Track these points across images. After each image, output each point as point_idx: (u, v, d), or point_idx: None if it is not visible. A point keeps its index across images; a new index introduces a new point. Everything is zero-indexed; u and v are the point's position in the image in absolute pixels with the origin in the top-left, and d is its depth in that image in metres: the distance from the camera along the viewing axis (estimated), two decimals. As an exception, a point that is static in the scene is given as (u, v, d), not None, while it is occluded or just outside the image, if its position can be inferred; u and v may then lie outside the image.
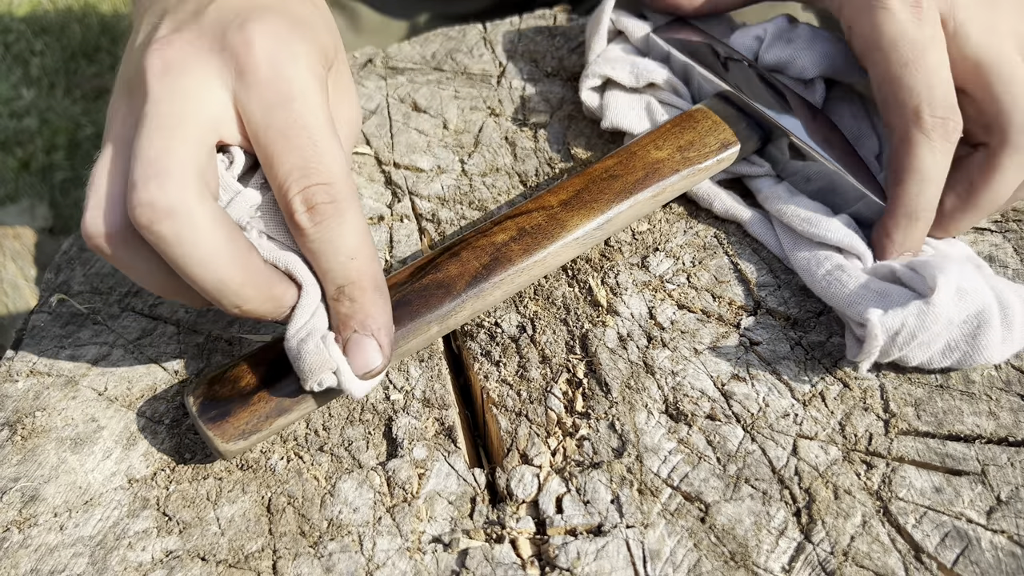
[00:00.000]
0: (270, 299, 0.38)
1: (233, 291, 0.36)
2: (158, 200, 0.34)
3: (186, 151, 0.36)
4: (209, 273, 0.35)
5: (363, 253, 0.39)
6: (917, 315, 0.40)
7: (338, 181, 0.38)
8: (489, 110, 0.61)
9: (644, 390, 0.43)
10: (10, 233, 1.42)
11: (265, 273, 0.38)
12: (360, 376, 0.39)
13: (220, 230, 0.36)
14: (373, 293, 0.39)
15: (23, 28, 2.16)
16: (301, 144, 0.37)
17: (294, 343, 0.38)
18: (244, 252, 0.37)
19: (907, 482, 0.39)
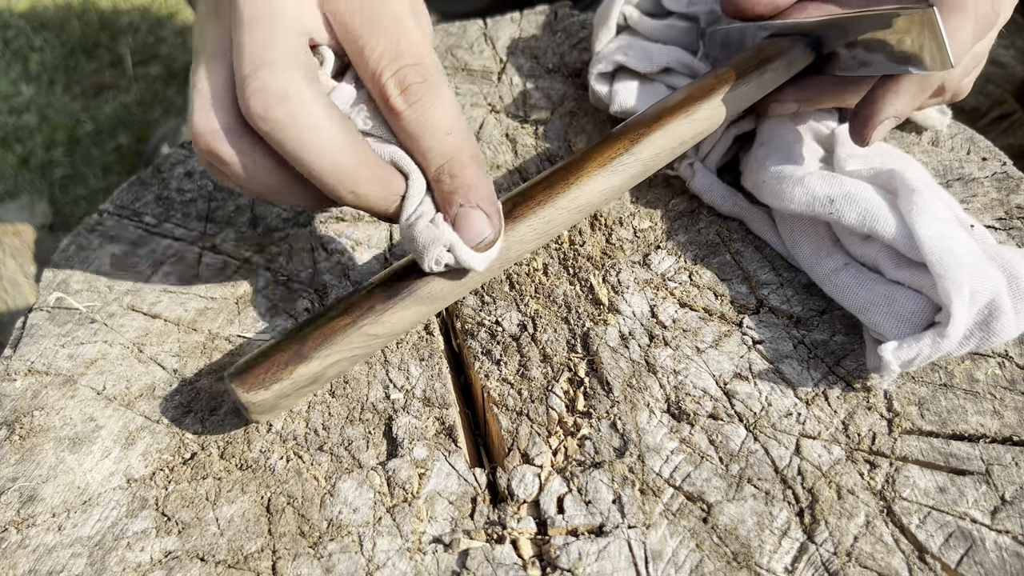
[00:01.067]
0: (383, 184, 0.39)
1: (350, 175, 0.37)
2: (272, 85, 0.35)
3: (288, 42, 0.37)
4: (326, 157, 0.36)
5: (458, 128, 0.39)
6: (932, 345, 0.39)
7: (427, 61, 0.39)
8: (490, 107, 0.61)
9: (646, 389, 0.43)
10: (9, 230, 1.41)
11: (376, 159, 0.39)
12: (474, 248, 0.40)
13: (333, 113, 0.37)
14: (472, 165, 0.40)
15: (22, 24, 2.16)
16: (387, 29, 0.38)
17: (405, 228, 0.40)
18: (355, 135, 0.38)
19: (911, 482, 0.39)
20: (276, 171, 0.39)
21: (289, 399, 0.40)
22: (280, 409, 0.41)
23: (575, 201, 0.44)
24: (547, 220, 0.44)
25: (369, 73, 0.38)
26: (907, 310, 0.42)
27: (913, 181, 0.44)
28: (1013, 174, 0.53)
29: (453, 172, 0.39)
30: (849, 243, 0.46)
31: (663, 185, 0.55)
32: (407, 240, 0.40)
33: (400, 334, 0.43)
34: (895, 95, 0.47)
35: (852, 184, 0.45)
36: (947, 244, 0.41)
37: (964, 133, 0.57)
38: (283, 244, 0.53)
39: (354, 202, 0.39)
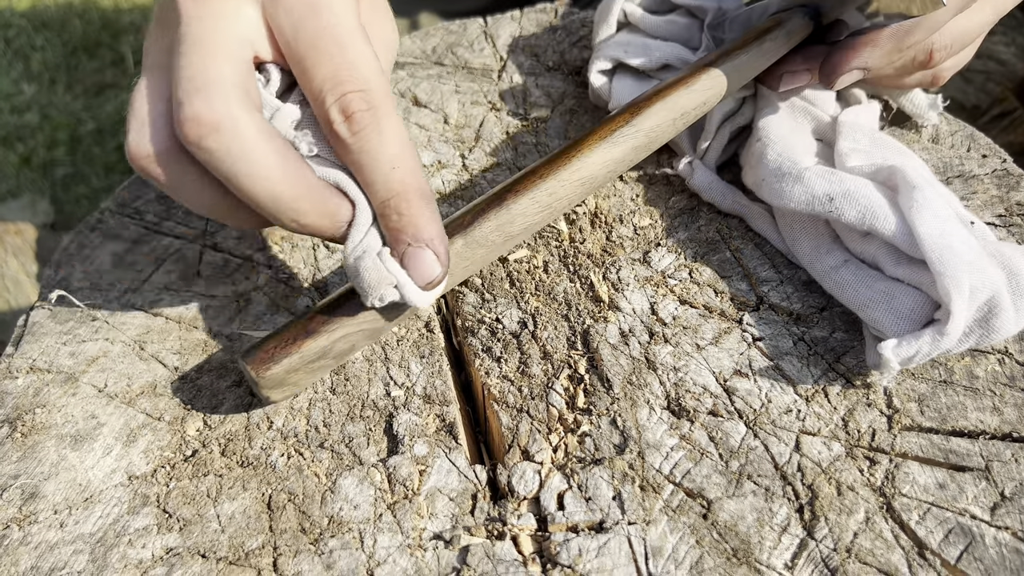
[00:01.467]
0: (326, 213, 0.37)
1: (288, 204, 0.36)
2: (204, 114, 0.34)
3: (226, 66, 0.35)
4: (262, 186, 0.35)
5: (405, 162, 0.38)
6: (931, 342, 0.39)
7: (373, 87, 0.37)
8: (490, 105, 0.61)
9: (646, 386, 0.43)
10: (11, 229, 1.42)
11: (319, 186, 0.37)
12: (422, 287, 0.39)
13: (269, 142, 0.35)
14: (419, 203, 0.38)
15: (24, 23, 2.16)
16: (332, 52, 0.37)
17: (351, 261, 0.38)
18: (296, 164, 0.36)
19: (910, 478, 0.39)
20: (217, 194, 0.38)
21: (299, 374, 0.40)
22: (290, 386, 0.41)
23: (577, 173, 0.44)
24: (550, 192, 0.44)
25: (313, 98, 0.37)
26: (907, 307, 0.42)
27: (914, 178, 0.44)
28: (1013, 171, 0.53)
29: (400, 209, 0.38)
30: (849, 240, 0.46)
31: (663, 183, 0.55)
32: (351, 273, 0.38)
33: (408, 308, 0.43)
34: (871, 47, 0.47)
35: (852, 181, 0.45)
36: (947, 241, 0.41)
37: (964, 130, 0.57)
38: (284, 242, 0.53)
39: (297, 229, 0.38)
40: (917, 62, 0.49)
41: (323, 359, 0.41)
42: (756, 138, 0.51)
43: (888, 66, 0.49)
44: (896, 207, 0.44)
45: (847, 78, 0.48)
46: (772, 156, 0.49)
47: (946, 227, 0.42)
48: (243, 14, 0.37)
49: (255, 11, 0.37)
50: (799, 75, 0.52)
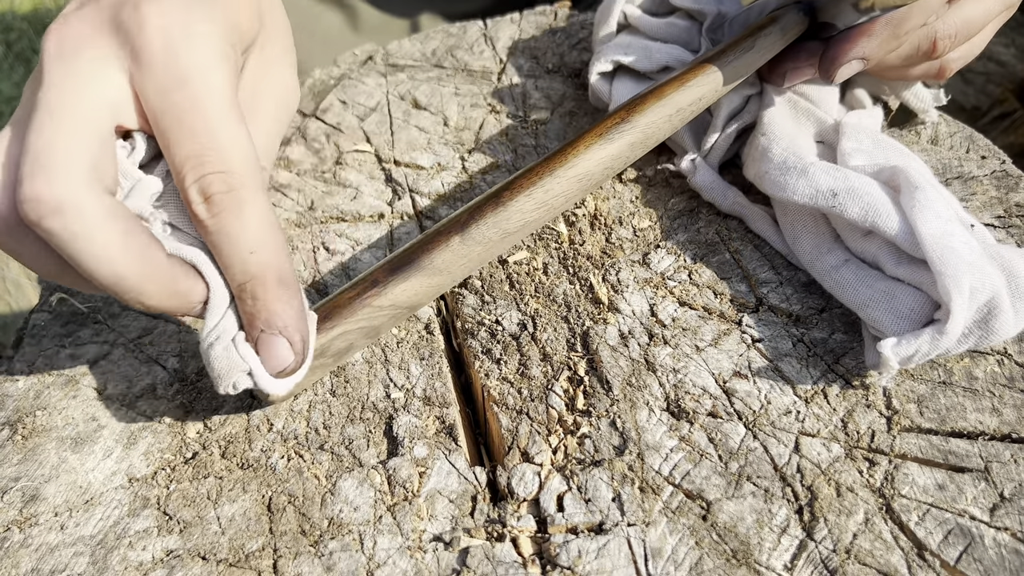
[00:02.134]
0: (174, 295, 0.36)
1: (131, 287, 0.35)
2: (44, 195, 0.32)
3: (76, 142, 0.34)
4: (104, 268, 0.34)
5: (265, 246, 0.37)
6: (930, 342, 0.40)
7: (236, 169, 0.36)
8: (490, 107, 0.61)
9: (645, 388, 0.43)
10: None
11: (167, 268, 0.36)
12: (275, 375, 0.38)
13: (114, 224, 0.34)
14: (277, 289, 0.37)
15: (25, 27, 2.16)
16: (196, 130, 0.35)
17: (204, 347, 0.37)
18: (142, 246, 0.35)
19: (910, 479, 0.39)
20: (59, 265, 0.36)
21: (309, 378, 0.41)
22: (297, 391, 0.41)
23: (573, 170, 0.45)
24: (546, 189, 0.44)
25: (175, 172, 0.36)
26: (907, 307, 0.42)
27: (916, 178, 0.44)
28: (1012, 172, 0.53)
29: (255, 294, 0.37)
30: (850, 239, 0.46)
31: (662, 185, 0.55)
32: (204, 359, 0.37)
33: (406, 308, 0.43)
34: (867, 36, 0.47)
35: (856, 178, 0.45)
36: (948, 242, 0.41)
37: (963, 132, 0.57)
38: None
39: (143, 310, 0.37)
40: (922, 51, 0.49)
41: (322, 357, 0.41)
42: (760, 132, 0.51)
43: (889, 55, 0.49)
44: (899, 207, 0.44)
45: (846, 69, 0.48)
46: (777, 151, 0.49)
47: (948, 228, 0.42)
48: (108, 80, 0.36)
49: (121, 77, 0.36)
50: (803, 70, 0.52)
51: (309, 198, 0.55)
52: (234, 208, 0.36)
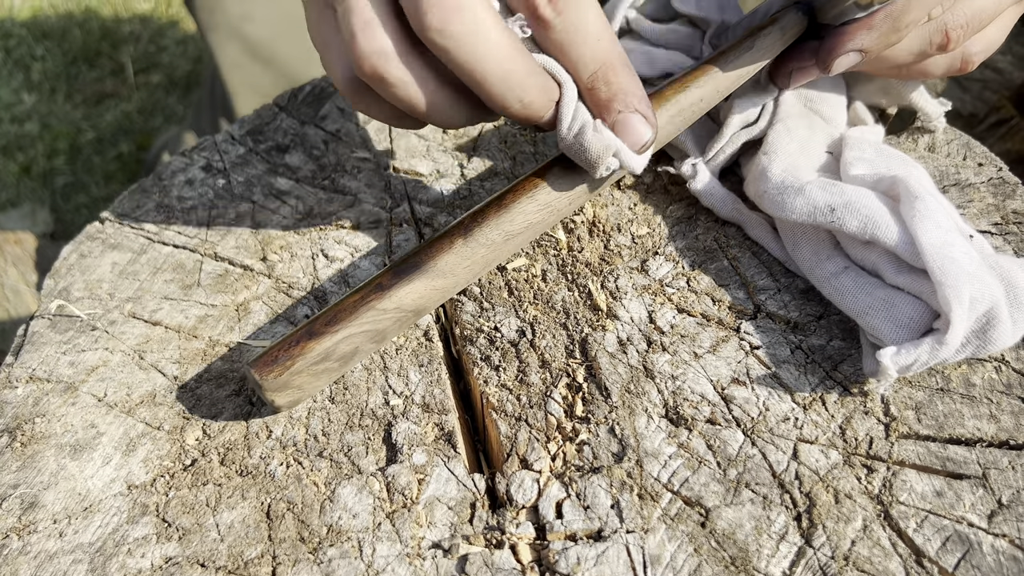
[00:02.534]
0: (544, 91, 0.39)
1: (519, 83, 0.38)
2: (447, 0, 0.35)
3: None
4: (498, 65, 0.37)
5: (607, 34, 0.40)
6: (930, 351, 0.40)
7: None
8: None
9: (644, 394, 0.43)
10: (11, 238, 1.42)
11: (538, 66, 0.39)
12: (636, 151, 0.41)
13: (501, 24, 0.37)
14: (625, 70, 0.40)
15: (24, 33, 2.17)
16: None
17: (571, 138, 0.41)
18: (521, 45, 0.38)
19: (908, 486, 0.39)
20: (441, 88, 0.39)
21: (303, 377, 0.41)
22: (295, 389, 0.41)
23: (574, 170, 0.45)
24: (548, 191, 0.45)
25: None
26: (906, 315, 0.42)
27: (916, 188, 0.44)
28: (1009, 179, 0.53)
29: (608, 79, 0.40)
30: (849, 247, 0.47)
31: (661, 192, 0.55)
32: (574, 150, 0.41)
33: (411, 311, 0.43)
34: (866, 29, 0.48)
35: (852, 192, 0.45)
36: (949, 252, 0.41)
37: (960, 139, 0.57)
38: (284, 251, 0.53)
39: (520, 111, 0.39)
40: (936, 45, 0.49)
41: (326, 361, 0.41)
42: (763, 151, 0.51)
43: (897, 51, 0.49)
44: (898, 216, 0.44)
45: (843, 61, 0.48)
46: (776, 171, 0.49)
47: (948, 238, 0.42)
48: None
49: None
50: (808, 70, 0.52)
51: (308, 205, 0.55)
52: (575, 3, 0.39)
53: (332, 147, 0.59)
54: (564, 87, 0.40)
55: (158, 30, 2.18)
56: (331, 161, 0.58)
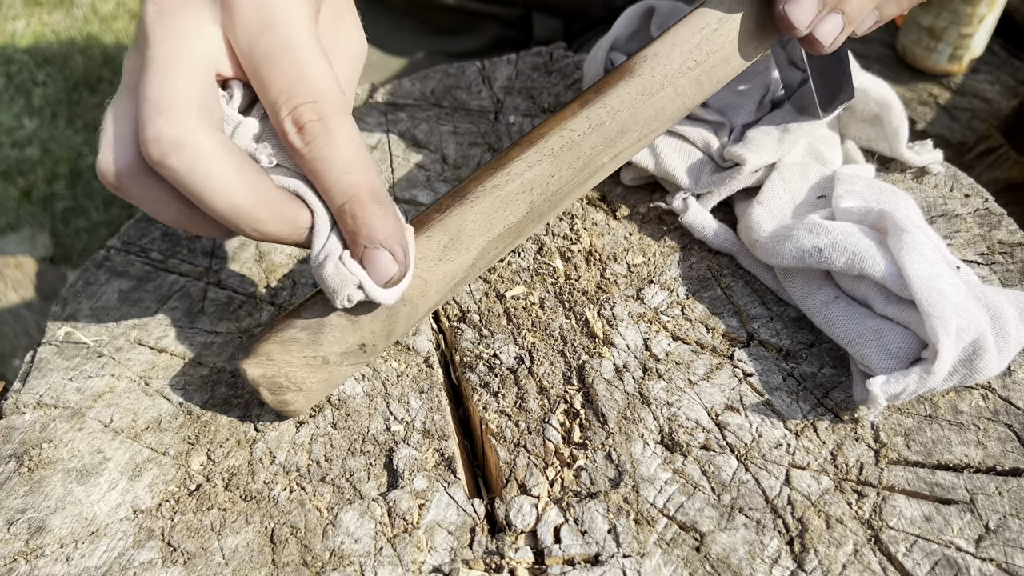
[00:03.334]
0: (285, 220, 0.39)
1: (248, 214, 0.38)
2: (165, 134, 0.35)
3: (187, 86, 0.37)
4: (223, 199, 0.37)
5: (358, 166, 0.39)
6: (918, 380, 0.41)
7: (324, 98, 0.38)
8: (487, 145, 0.63)
9: (640, 421, 0.44)
10: (11, 262, 1.43)
11: (277, 196, 0.39)
12: (382, 285, 0.41)
13: (228, 157, 0.37)
14: (373, 205, 0.40)
15: (26, 59, 2.19)
16: (284, 67, 0.38)
17: (315, 267, 0.40)
18: (254, 176, 0.38)
19: (897, 511, 0.40)
20: (182, 207, 0.40)
21: (284, 358, 0.43)
22: (282, 380, 0.43)
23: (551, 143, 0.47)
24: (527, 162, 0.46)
25: (269, 109, 0.39)
26: (895, 345, 0.43)
27: (903, 221, 0.45)
28: (995, 210, 0.55)
29: (354, 213, 0.39)
30: (840, 278, 0.48)
31: (655, 222, 0.56)
32: (317, 279, 0.41)
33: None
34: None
35: (838, 230, 0.46)
36: (936, 284, 0.42)
37: (947, 170, 0.58)
38: (287, 279, 0.54)
39: (259, 237, 0.40)
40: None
41: (306, 332, 0.43)
42: (758, 200, 0.52)
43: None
44: (885, 249, 0.45)
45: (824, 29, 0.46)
46: (768, 226, 0.50)
47: (935, 269, 0.43)
48: (205, 33, 0.39)
49: (216, 30, 0.39)
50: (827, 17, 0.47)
51: (311, 234, 0.57)
52: (325, 134, 0.38)
53: (334, 177, 0.61)
54: (316, 215, 0.40)
55: (159, 56, 2.20)
56: (333, 191, 0.60)
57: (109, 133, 0.38)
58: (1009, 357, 0.42)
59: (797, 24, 0.46)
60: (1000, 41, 1.08)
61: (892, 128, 0.57)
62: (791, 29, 0.46)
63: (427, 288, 0.45)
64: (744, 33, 0.48)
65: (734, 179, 0.53)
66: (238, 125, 0.40)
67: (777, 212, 0.52)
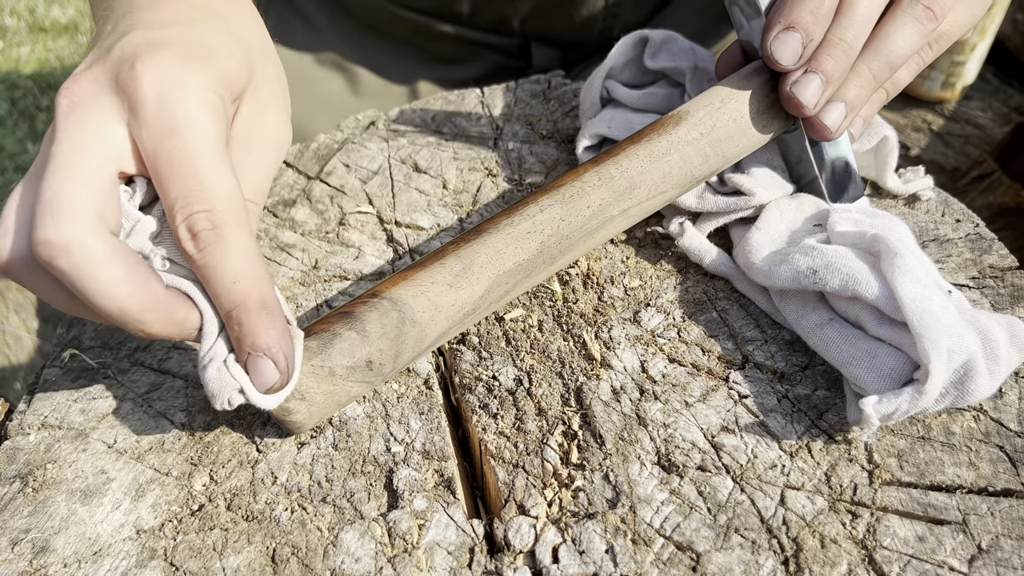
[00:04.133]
0: (172, 323, 0.40)
1: (134, 317, 0.39)
2: (53, 238, 0.36)
3: (82, 190, 0.38)
4: (109, 302, 0.38)
5: (248, 277, 0.40)
6: (910, 401, 0.41)
7: (220, 207, 0.39)
8: (486, 171, 0.64)
9: (637, 442, 0.45)
10: (13, 286, 1.43)
11: (165, 299, 0.40)
12: (264, 392, 0.41)
13: (117, 261, 0.38)
14: (259, 314, 0.40)
15: (30, 84, 2.21)
16: (184, 173, 0.39)
17: (199, 369, 0.41)
18: (143, 280, 0.39)
19: (891, 531, 0.40)
20: (70, 299, 0.40)
21: None
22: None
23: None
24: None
25: (167, 212, 0.40)
26: (887, 366, 0.44)
27: (896, 245, 0.46)
28: (985, 235, 0.56)
29: (240, 320, 0.40)
30: (834, 300, 0.49)
31: (652, 246, 0.57)
32: (201, 379, 0.41)
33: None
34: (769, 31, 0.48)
35: (832, 252, 0.47)
36: (927, 306, 0.43)
37: (939, 196, 0.60)
38: (290, 303, 0.55)
39: (146, 336, 0.40)
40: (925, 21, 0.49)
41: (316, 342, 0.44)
42: (756, 227, 0.53)
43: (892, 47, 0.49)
44: (878, 272, 0.46)
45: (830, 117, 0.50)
46: (765, 250, 0.51)
47: (926, 292, 0.44)
48: (111, 132, 0.40)
49: (123, 128, 0.40)
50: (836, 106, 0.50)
51: (313, 257, 0.58)
52: (217, 243, 0.39)
53: (337, 201, 0.62)
54: (204, 319, 0.41)
55: (162, 82, 2.23)
56: (335, 215, 0.61)
57: (7, 223, 0.39)
58: (1000, 380, 0.43)
59: (805, 103, 0.48)
60: (992, 69, 1.09)
61: (882, 156, 0.58)
62: (800, 109, 0.49)
63: (437, 314, 0.46)
64: (751, 113, 0.52)
65: (736, 207, 0.54)
66: (136, 223, 0.41)
67: (774, 237, 0.53)
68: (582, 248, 0.50)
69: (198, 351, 0.41)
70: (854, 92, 0.49)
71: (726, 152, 0.52)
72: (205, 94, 0.41)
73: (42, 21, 2.44)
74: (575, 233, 0.49)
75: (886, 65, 0.49)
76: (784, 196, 0.56)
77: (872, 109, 0.53)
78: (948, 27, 0.51)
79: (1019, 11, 1.07)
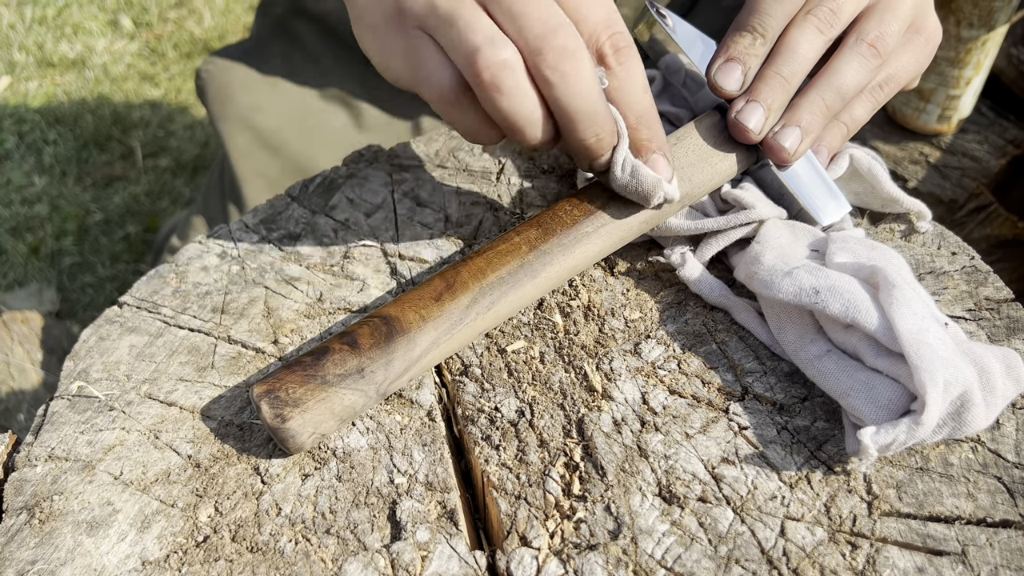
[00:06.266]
0: (613, 133, 0.48)
1: (599, 121, 0.46)
2: (568, 43, 0.43)
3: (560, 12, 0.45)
4: (590, 105, 0.45)
5: (648, 87, 0.49)
6: (907, 431, 0.42)
7: (626, 31, 0.47)
8: (488, 205, 0.65)
9: (638, 473, 0.45)
10: (18, 317, 1.44)
11: (610, 110, 0.47)
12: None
13: (595, 71, 0.45)
14: (657, 117, 0.49)
15: (37, 119, 2.24)
16: (601, 2, 0.47)
17: (627, 173, 0.49)
18: (602, 90, 0.46)
19: (890, 562, 0.40)
20: (538, 107, 0.45)
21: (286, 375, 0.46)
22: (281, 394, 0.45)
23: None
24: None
25: (586, 37, 0.46)
26: (885, 397, 0.45)
27: (894, 277, 0.47)
28: (981, 267, 0.56)
29: (649, 124, 0.49)
30: (832, 331, 0.49)
31: (652, 278, 0.58)
32: (630, 184, 0.49)
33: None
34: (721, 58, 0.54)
35: (837, 277, 0.48)
36: (924, 338, 0.44)
37: (935, 229, 0.60)
38: (295, 335, 0.55)
39: (594, 144, 0.47)
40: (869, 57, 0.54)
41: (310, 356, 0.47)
42: (756, 240, 0.54)
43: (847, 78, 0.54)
44: (878, 303, 0.47)
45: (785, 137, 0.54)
46: (769, 258, 0.52)
47: (923, 324, 0.45)
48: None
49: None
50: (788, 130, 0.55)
51: (318, 290, 0.58)
52: (634, 57, 0.47)
53: (341, 235, 0.63)
54: (620, 128, 0.48)
55: (167, 115, 2.26)
56: (340, 249, 0.62)
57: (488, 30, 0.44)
58: (997, 411, 0.44)
59: (752, 128, 0.53)
60: (987, 102, 1.11)
61: (865, 172, 0.59)
62: (745, 133, 0.54)
63: (424, 323, 0.48)
64: (710, 144, 0.56)
65: (736, 222, 0.55)
66: None
67: (776, 248, 0.53)
68: (564, 263, 0.52)
69: (613, 160, 0.49)
70: (808, 118, 0.54)
71: (693, 178, 0.55)
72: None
73: (50, 56, 2.48)
74: (553, 248, 0.52)
75: (837, 95, 0.54)
76: (776, 222, 0.57)
77: (834, 141, 0.57)
78: (895, 70, 0.56)
79: (1013, 45, 1.09)
